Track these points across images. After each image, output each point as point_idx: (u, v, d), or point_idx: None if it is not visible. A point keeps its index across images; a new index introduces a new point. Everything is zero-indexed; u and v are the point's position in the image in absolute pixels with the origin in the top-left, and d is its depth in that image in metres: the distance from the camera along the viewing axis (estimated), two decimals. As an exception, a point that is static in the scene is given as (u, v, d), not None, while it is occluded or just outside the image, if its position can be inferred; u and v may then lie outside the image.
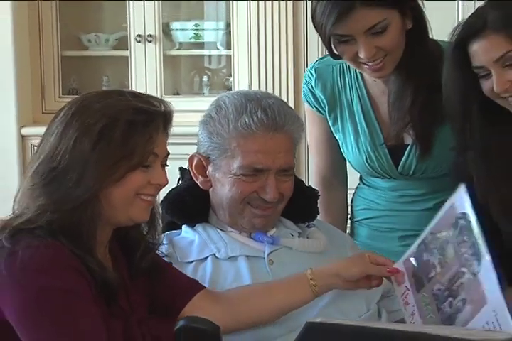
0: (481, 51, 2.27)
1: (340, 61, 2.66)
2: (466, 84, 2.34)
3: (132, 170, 2.04)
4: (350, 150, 2.76)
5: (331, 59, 2.65)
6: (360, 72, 2.70)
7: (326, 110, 2.77)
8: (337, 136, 2.79)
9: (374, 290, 2.45)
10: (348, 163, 2.87)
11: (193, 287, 2.26)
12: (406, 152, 2.68)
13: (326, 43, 2.53)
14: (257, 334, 2.29)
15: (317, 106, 2.78)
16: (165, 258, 2.35)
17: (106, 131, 2.01)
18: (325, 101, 2.76)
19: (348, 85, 2.74)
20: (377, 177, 2.78)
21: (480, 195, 2.37)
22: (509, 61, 2.25)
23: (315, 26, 2.54)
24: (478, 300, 2.04)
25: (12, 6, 4.76)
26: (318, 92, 2.76)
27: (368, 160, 2.72)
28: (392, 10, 2.49)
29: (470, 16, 2.32)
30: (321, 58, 2.83)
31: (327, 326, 1.94)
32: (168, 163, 2.15)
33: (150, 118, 2.06)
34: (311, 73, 2.78)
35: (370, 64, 2.53)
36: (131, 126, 2.03)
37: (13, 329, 1.95)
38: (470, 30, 2.28)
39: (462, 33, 2.29)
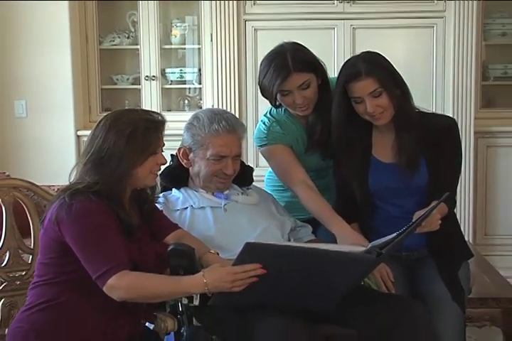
0: (359, 88, 2.26)
1: (281, 115, 2.57)
2: (344, 105, 2.33)
3: (149, 157, 2.04)
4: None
5: (276, 117, 2.57)
6: (290, 114, 2.58)
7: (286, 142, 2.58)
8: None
9: (287, 224, 2.46)
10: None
11: (172, 227, 2.22)
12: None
13: (273, 98, 2.47)
14: None
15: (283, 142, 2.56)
16: (162, 208, 2.32)
17: (132, 134, 2.00)
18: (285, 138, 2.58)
19: (290, 125, 2.59)
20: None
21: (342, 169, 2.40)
22: (376, 94, 2.26)
23: (263, 88, 2.46)
24: None
25: (71, 57, 4.68)
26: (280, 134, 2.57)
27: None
28: (312, 73, 2.45)
29: (348, 66, 2.30)
30: (272, 121, 2.60)
31: (261, 245, 1.90)
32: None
33: (157, 125, 2.06)
34: (273, 126, 2.58)
35: (301, 107, 2.49)
36: (147, 130, 2.03)
37: (71, 248, 1.95)
38: (351, 76, 2.27)
39: (345, 78, 2.28)
